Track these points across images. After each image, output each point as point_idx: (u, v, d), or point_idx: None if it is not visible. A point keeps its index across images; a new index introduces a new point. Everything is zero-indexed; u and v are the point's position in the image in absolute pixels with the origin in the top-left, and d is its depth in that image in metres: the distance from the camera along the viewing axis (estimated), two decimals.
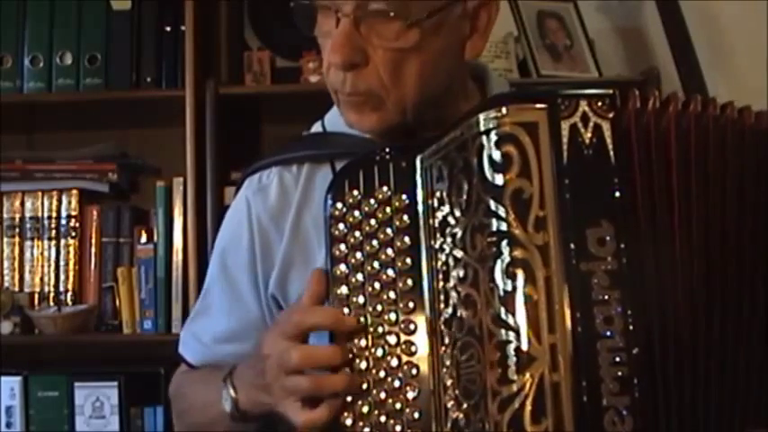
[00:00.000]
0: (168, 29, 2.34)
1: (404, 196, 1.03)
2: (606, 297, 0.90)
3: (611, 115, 0.94)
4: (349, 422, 1.01)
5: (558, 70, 2.33)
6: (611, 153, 0.93)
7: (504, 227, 0.91)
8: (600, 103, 0.94)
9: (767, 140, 1.01)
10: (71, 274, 2.35)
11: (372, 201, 1.05)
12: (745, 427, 0.98)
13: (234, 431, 1.16)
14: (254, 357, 1.09)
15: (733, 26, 2.44)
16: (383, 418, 1.00)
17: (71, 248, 2.36)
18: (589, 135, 0.93)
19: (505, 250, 0.90)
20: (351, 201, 1.06)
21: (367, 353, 1.01)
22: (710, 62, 2.29)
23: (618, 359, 0.89)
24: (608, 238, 0.91)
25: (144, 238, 2.32)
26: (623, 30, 2.53)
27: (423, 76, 1.10)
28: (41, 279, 2.36)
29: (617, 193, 0.93)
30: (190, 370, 1.31)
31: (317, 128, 1.28)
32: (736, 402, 0.97)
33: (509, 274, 0.90)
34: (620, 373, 0.89)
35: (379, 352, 1.01)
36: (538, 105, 0.93)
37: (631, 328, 0.90)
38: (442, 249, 0.99)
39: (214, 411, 1.15)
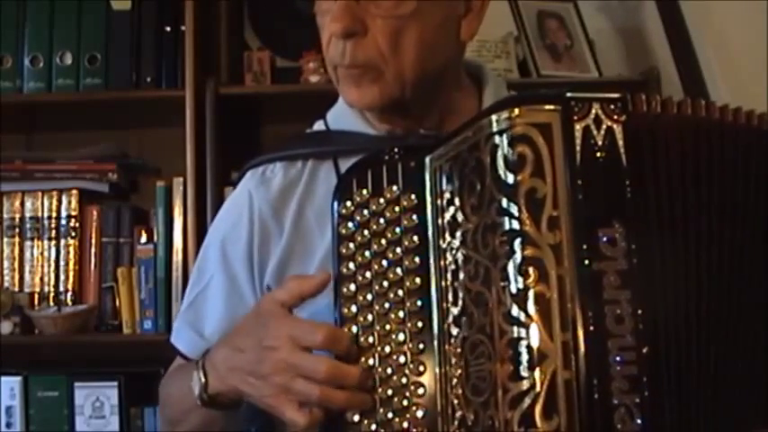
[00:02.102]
0: (168, 29, 2.34)
1: (412, 196, 1.04)
2: (617, 297, 0.90)
3: (623, 118, 0.94)
4: (356, 418, 1.01)
5: (558, 70, 2.34)
6: (623, 156, 0.94)
7: (516, 225, 0.91)
8: (612, 106, 0.95)
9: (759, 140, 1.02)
10: (71, 274, 2.34)
11: (381, 200, 1.05)
12: (748, 427, 0.99)
13: (208, 421, 1.15)
14: (247, 338, 1.05)
15: (733, 26, 2.44)
16: (390, 415, 1.01)
17: (71, 248, 2.35)
18: (601, 137, 0.94)
19: (518, 249, 0.91)
20: (359, 199, 1.06)
21: (374, 350, 1.02)
22: (710, 62, 2.30)
23: (628, 358, 0.90)
24: (619, 238, 0.92)
25: (144, 238, 2.31)
26: (623, 30, 2.53)
27: (421, 47, 1.12)
28: (41, 279, 2.35)
29: (628, 195, 0.93)
30: (178, 365, 1.30)
31: (319, 125, 1.29)
32: (741, 401, 0.98)
33: (522, 272, 0.90)
34: (630, 372, 0.89)
35: (387, 349, 1.01)
36: (551, 107, 0.94)
37: (641, 327, 0.91)
38: (450, 249, 0.99)
39: (188, 401, 1.13)
